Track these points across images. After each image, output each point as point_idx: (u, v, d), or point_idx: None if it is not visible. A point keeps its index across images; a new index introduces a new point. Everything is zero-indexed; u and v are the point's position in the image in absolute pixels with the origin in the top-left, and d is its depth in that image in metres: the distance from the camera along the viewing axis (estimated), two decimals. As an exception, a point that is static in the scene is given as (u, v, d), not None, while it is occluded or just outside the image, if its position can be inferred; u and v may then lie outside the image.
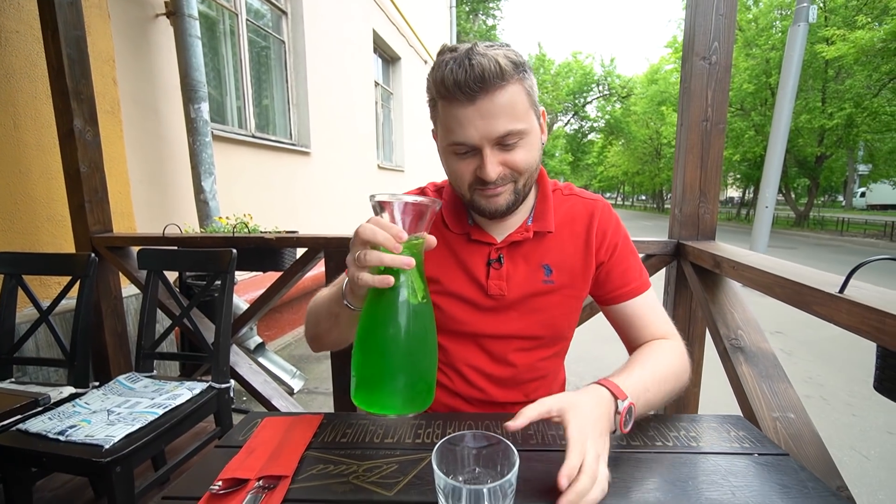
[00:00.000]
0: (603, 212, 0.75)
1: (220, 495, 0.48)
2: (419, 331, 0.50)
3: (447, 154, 0.66)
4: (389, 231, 0.47)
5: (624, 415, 0.53)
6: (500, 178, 0.64)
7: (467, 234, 0.75)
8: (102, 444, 1.02)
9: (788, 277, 0.71)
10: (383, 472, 0.52)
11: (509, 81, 0.60)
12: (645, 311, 0.73)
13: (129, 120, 2.23)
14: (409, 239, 0.49)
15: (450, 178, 0.70)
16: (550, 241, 0.74)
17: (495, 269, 0.73)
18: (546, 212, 0.75)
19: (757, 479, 0.49)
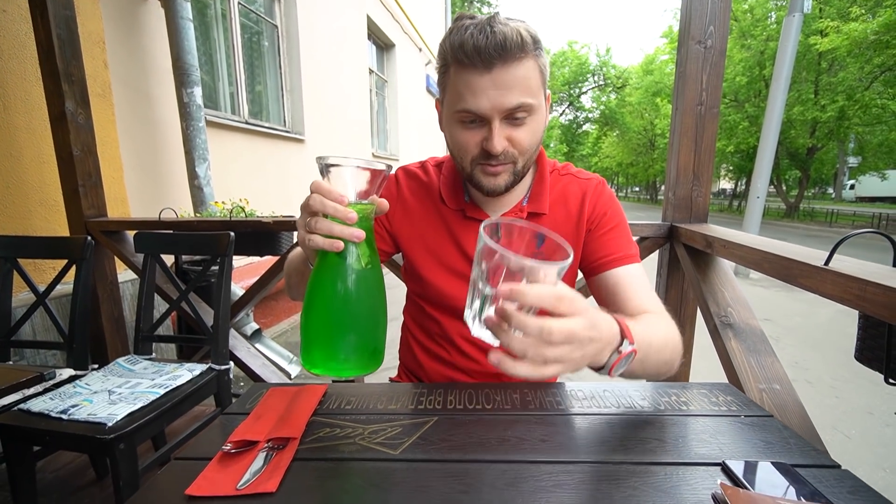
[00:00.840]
0: (595, 188, 0.76)
1: (232, 454, 0.50)
2: (362, 295, 0.49)
3: (453, 123, 0.66)
4: (334, 197, 0.46)
5: (623, 358, 0.48)
6: (503, 154, 0.64)
7: (462, 210, 0.76)
8: (105, 421, 1.03)
9: (776, 253, 0.74)
10: (388, 434, 0.55)
11: (528, 55, 0.60)
12: (630, 282, 0.70)
13: (121, 104, 2.20)
14: (357, 203, 0.48)
15: (452, 150, 0.71)
16: (543, 222, 0.75)
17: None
18: (542, 193, 0.76)
19: (743, 438, 0.52)
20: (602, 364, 0.48)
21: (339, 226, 0.46)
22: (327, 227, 0.46)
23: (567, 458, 0.49)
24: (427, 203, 0.79)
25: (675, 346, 0.60)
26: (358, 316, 0.49)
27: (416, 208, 0.80)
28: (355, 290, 0.49)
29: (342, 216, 0.45)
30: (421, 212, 0.79)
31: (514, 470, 0.47)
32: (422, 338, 0.84)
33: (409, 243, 0.80)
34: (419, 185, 0.81)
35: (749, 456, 0.49)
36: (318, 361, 0.49)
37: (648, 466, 0.47)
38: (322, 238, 0.46)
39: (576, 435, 0.53)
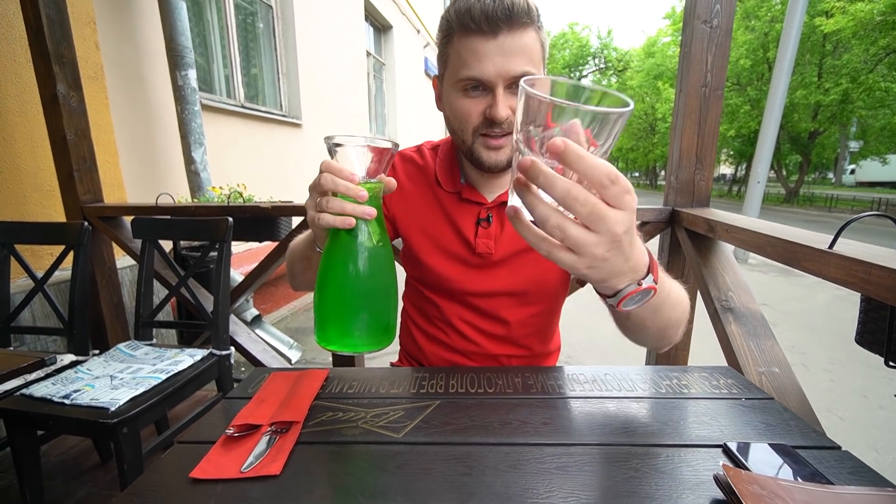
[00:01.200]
0: None
1: (235, 438, 0.50)
2: (374, 272, 0.51)
3: (455, 92, 0.65)
4: (344, 176, 0.47)
5: (640, 291, 0.41)
6: (507, 123, 0.63)
7: (458, 192, 0.75)
8: (108, 406, 1.04)
9: (779, 236, 0.73)
10: (390, 417, 0.55)
11: (532, 24, 0.60)
12: None
13: (114, 87, 2.16)
14: (366, 181, 0.49)
15: (452, 123, 0.69)
16: None
17: (484, 228, 0.74)
18: None
19: (743, 420, 0.52)
20: (616, 290, 0.41)
21: (351, 204, 0.47)
22: (339, 206, 0.47)
23: (569, 440, 0.49)
24: (423, 187, 0.79)
25: (685, 308, 0.57)
26: (371, 292, 0.51)
27: (413, 192, 0.79)
28: (368, 267, 0.50)
29: (353, 194, 0.46)
30: (417, 196, 0.79)
31: (517, 452, 0.47)
32: (422, 322, 0.84)
33: (406, 228, 0.79)
34: (415, 168, 0.80)
35: (750, 438, 0.49)
36: (333, 338, 0.51)
37: (650, 448, 0.47)
38: (333, 216, 0.47)
39: (578, 418, 0.54)
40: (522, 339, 0.79)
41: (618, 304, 0.43)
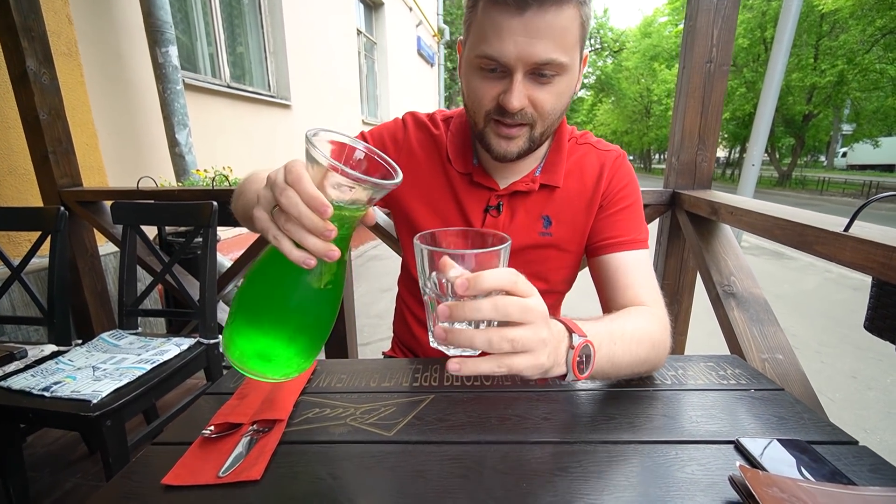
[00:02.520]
0: (615, 162, 0.69)
1: (213, 439, 0.46)
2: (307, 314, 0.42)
3: (471, 68, 0.59)
4: (315, 206, 0.36)
5: (578, 351, 0.43)
6: (521, 114, 0.57)
7: (470, 174, 0.70)
8: (90, 398, 1.00)
9: (790, 219, 0.70)
10: (381, 413, 0.51)
11: (569, 1, 0.51)
12: (631, 270, 0.64)
13: (89, 64, 2.05)
14: (345, 206, 0.38)
15: (465, 101, 0.63)
16: (556, 196, 0.69)
17: (492, 217, 0.69)
18: (558, 164, 0.69)
19: (754, 413, 0.50)
20: (564, 370, 0.44)
21: (314, 240, 0.37)
22: (299, 237, 0.37)
23: (571, 437, 0.46)
24: (434, 159, 0.72)
25: (655, 343, 0.54)
26: (296, 332, 0.42)
27: (423, 162, 0.72)
28: (305, 307, 0.41)
29: (318, 233, 0.36)
30: (427, 169, 0.72)
31: (516, 451, 0.44)
32: (417, 309, 0.80)
33: (409, 201, 0.73)
34: (428, 137, 0.73)
35: (762, 432, 0.46)
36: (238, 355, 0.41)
37: (657, 446, 0.45)
38: (291, 246, 0.37)
39: (580, 412, 0.51)
40: None
41: (578, 376, 0.44)
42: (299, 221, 0.36)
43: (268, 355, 0.41)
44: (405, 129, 0.73)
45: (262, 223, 0.39)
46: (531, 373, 0.40)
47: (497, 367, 0.38)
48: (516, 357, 0.38)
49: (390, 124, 0.75)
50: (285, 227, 0.37)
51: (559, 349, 0.43)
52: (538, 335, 0.38)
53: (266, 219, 0.39)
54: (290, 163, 0.38)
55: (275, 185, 0.38)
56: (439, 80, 11.05)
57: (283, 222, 0.37)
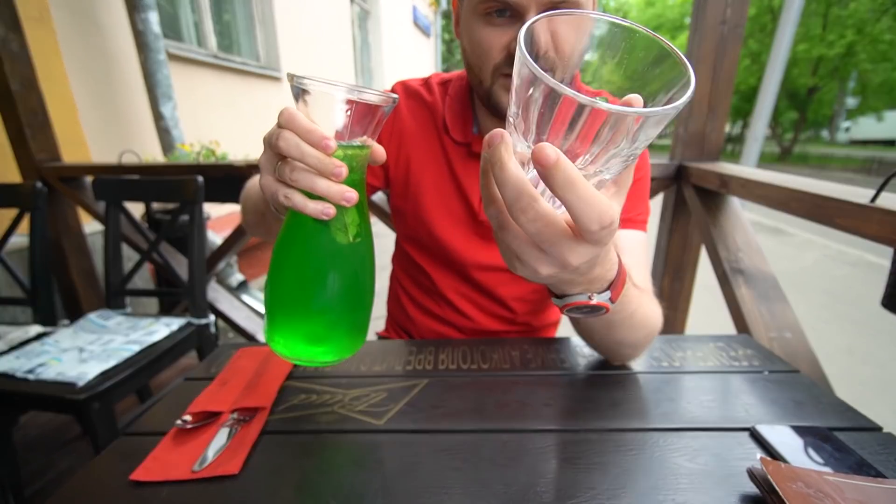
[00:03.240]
0: None
1: (189, 430, 0.43)
2: (347, 274, 0.38)
3: (474, 18, 0.51)
4: (315, 140, 0.32)
5: (589, 304, 0.35)
6: (542, 58, 0.50)
7: (469, 144, 0.63)
8: (76, 381, 0.97)
9: (808, 190, 0.65)
10: (372, 400, 0.48)
11: None
12: (625, 250, 0.58)
13: (64, 30, 1.94)
14: (347, 145, 0.35)
15: (469, 57, 0.55)
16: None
17: None
18: None
19: (769, 398, 0.47)
20: (562, 293, 0.36)
21: (325, 182, 0.33)
22: (309, 183, 0.33)
23: (575, 425, 0.43)
24: (429, 130, 0.66)
25: (651, 332, 0.50)
26: (339, 301, 0.38)
27: (417, 134, 0.66)
28: (339, 269, 0.37)
29: (327, 171, 0.33)
30: (421, 139, 0.66)
31: (516, 441, 0.41)
32: (412, 290, 0.76)
33: (402, 177, 0.68)
34: (421, 106, 0.67)
35: (779, 419, 0.43)
36: (285, 345, 0.38)
37: (666, 434, 0.41)
38: (304, 199, 0.34)
39: (583, 397, 0.48)
40: (521, 316, 0.71)
41: (561, 308, 0.37)
42: (304, 162, 0.33)
43: (317, 336, 0.38)
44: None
45: (270, 187, 0.35)
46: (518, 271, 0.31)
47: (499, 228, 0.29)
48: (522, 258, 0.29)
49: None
50: (292, 177, 0.33)
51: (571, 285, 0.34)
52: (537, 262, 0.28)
53: (272, 181, 0.35)
54: (281, 109, 0.34)
55: (270, 137, 0.34)
56: (436, 52, 10.71)
57: (289, 173, 0.33)
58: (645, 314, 0.47)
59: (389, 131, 0.67)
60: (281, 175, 0.34)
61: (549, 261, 0.28)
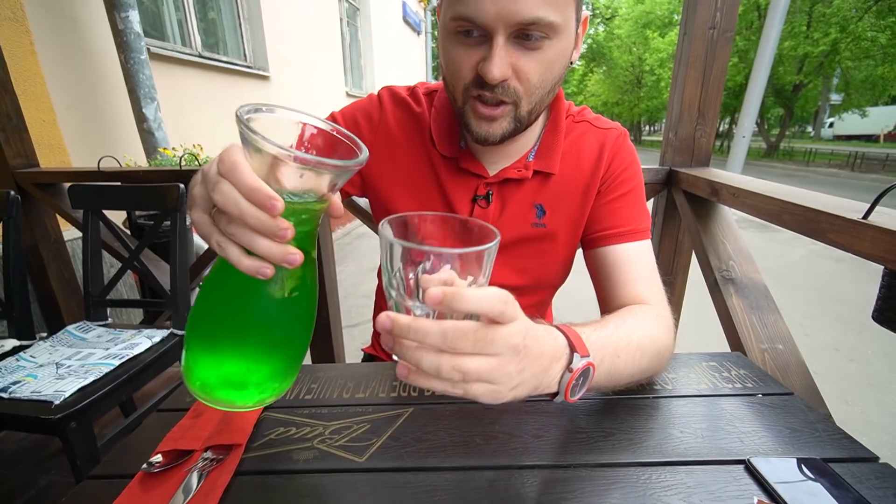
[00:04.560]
0: (615, 142, 0.61)
1: (156, 474, 0.40)
2: (275, 329, 0.35)
3: (447, 34, 0.50)
4: (259, 201, 0.28)
5: (576, 375, 0.37)
6: (502, 88, 0.48)
7: (456, 159, 0.61)
8: (51, 399, 0.93)
9: (800, 203, 0.64)
10: (353, 433, 0.46)
11: None
12: (632, 263, 0.58)
13: (40, 30, 1.87)
14: (298, 202, 0.31)
15: (444, 74, 0.54)
16: (551, 181, 0.61)
17: (480, 208, 0.61)
18: (554, 148, 0.60)
19: (764, 424, 0.45)
20: (553, 391, 0.38)
21: (266, 242, 0.29)
22: (247, 241, 0.30)
23: (566, 460, 0.41)
24: (415, 141, 0.63)
25: (660, 351, 0.48)
26: (266, 352, 0.35)
27: (402, 145, 0.63)
28: (270, 322, 0.34)
29: (269, 233, 0.29)
30: (407, 151, 0.63)
31: (503, 479, 0.39)
32: None
33: (389, 188, 0.65)
34: (408, 115, 0.64)
35: (774, 448, 0.42)
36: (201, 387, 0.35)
37: (660, 469, 0.40)
38: (239, 253, 0.30)
39: (574, 428, 0.46)
40: None
41: (567, 399, 0.39)
42: (242, 221, 0.29)
43: (236, 382, 0.35)
44: (381, 106, 0.64)
45: (203, 228, 0.32)
46: (491, 401, 0.33)
47: (451, 388, 0.32)
48: (473, 385, 0.32)
49: (364, 101, 0.66)
50: (227, 230, 0.30)
51: (551, 369, 0.37)
52: (502, 369, 0.32)
53: (207, 222, 0.32)
54: (224, 149, 0.30)
55: (206, 179, 0.31)
56: (426, 50, 10.64)
57: (225, 224, 0.30)
58: (641, 339, 0.46)
59: (372, 141, 0.64)
60: (217, 222, 0.31)
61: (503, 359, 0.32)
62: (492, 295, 0.30)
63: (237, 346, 0.34)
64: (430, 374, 0.31)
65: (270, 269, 0.30)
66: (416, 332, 0.30)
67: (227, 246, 0.30)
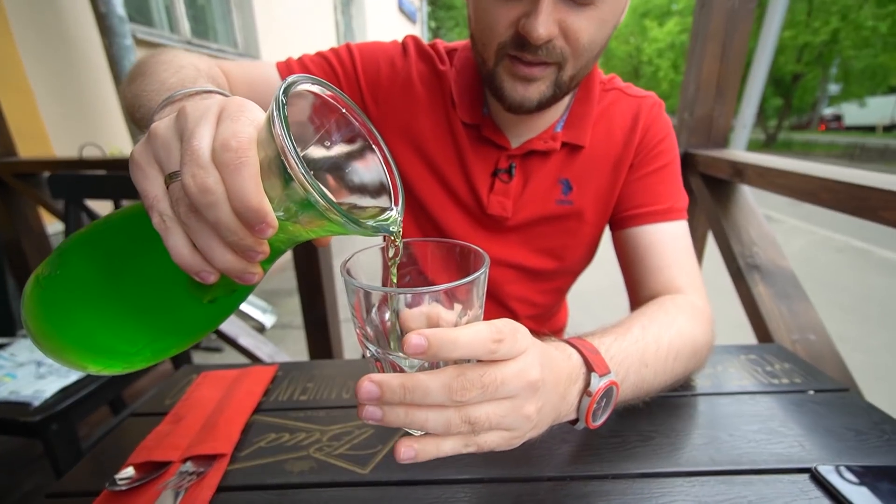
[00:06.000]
0: (650, 112, 0.55)
1: (124, 492, 0.34)
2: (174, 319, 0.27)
3: None
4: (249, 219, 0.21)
5: (597, 398, 0.32)
6: (547, 48, 0.42)
7: (478, 127, 0.55)
8: (30, 400, 0.88)
9: (842, 180, 0.58)
10: (355, 439, 0.40)
11: None
12: (667, 247, 0.52)
13: (16, 12, 1.78)
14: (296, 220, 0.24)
15: (472, 32, 0.48)
16: (580, 154, 0.55)
17: (502, 182, 0.55)
18: (585, 118, 0.54)
19: (822, 425, 0.40)
20: (574, 418, 0.33)
21: (228, 258, 0.23)
22: (205, 245, 0.22)
23: (601, 469, 0.36)
24: (437, 103, 0.56)
25: (697, 349, 0.43)
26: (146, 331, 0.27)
27: (423, 105, 0.56)
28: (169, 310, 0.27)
29: (240, 250, 0.23)
30: (428, 113, 0.56)
31: (530, 493, 0.34)
32: None
33: (403, 151, 0.57)
34: (432, 72, 0.56)
35: (839, 455, 0.36)
36: (36, 323, 0.25)
37: (713, 479, 0.34)
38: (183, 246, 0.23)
39: (608, 431, 0.40)
40: (524, 319, 0.64)
41: (590, 426, 0.33)
42: (216, 230, 0.22)
43: (83, 340, 0.26)
44: (405, 55, 0.56)
45: (147, 186, 0.23)
46: (506, 448, 0.28)
47: (464, 445, 0.26)
48: (485, 436, 0.26)
49: (388, 44, 0.58)
50: (187, 220, 0.22)
51: (568, 394, 0.32)
52: (518, 411, 0.27)
53: (155, 184, 0.23)
54: (230, 110, 0.22)
55: (189, 150, 0.21)
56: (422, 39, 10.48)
57: (186, 213, 0.22)
58: (670, 347, 0.40)
59: (390, 91, 0.56)
60: (175, 201, 0.22)
61: (518, 401, 0.26)
62: (482, 333, 0.25)
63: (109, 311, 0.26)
64: (438, 431, 0.25)
65: (214, 277, 0.23)
66: (412, 391, 0.24)
67: (173, 233, 0.23)
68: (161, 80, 0.38)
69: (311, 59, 0.56)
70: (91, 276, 0.25)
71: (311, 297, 1.30)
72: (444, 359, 0.24)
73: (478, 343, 0.24)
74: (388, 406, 0.24)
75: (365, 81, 0.55)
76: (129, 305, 0.25)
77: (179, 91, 0.33)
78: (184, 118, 0.23)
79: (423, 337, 0.23)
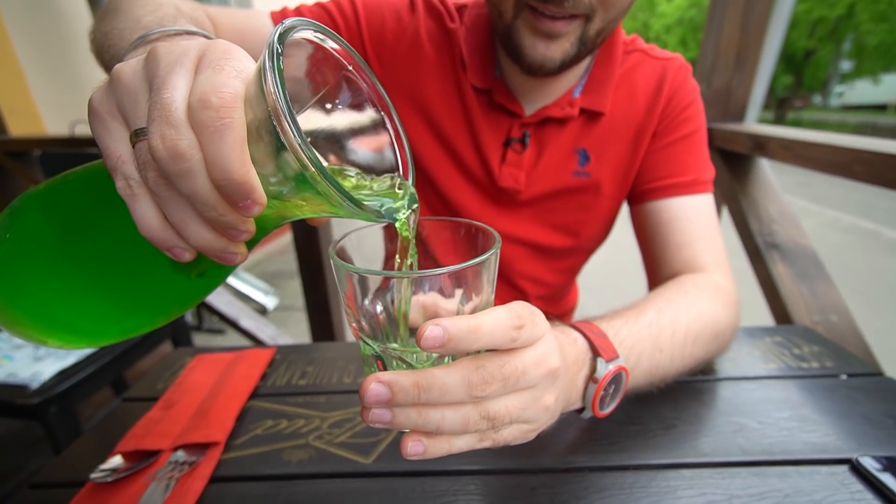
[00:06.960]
0: (677, 74, 0.50)
1: (110, 483, 0.32)
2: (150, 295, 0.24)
3: None
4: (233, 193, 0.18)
5: (604, 385, 0.30)
6: (572, 1, 0.37)
7: (489, 92, 0.50)
8: (27, 383, 0.86)
9: (879, 150, 0.54)
10: (357, 427, 0.38)
11: None
12: (690, 222, 0.48)
13: (2, -15, 1.71)
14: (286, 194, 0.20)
15: None
16: (599, 121, 0.51)
17: (514, 153, 0.51)
18: (606, 81, 0.49)
19: (857, 412, 0.37)
20: (581, 406, 0.32)
21: (206, 235, 0.19)
22: (178, 220, 0.19)
23: (622, 459, 0.33)
24: (446, 64, 0.51)
25: (717, 332, 0.40)
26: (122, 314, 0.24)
27: (431, 66, 0.51)
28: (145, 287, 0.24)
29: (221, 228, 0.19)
30: (436, 74, 0.51)
31: (548, 486, 0.31)
32: None
33: (408, 116, 0.53)
34: (441, 31, 0.52)
35: (881, 444, 0.34)
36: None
37: (744, 469, 0.32)
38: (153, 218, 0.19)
39: (626, 418, 0.38)
40: (534, 300, 0.60)
41: (597, 415, 0.32)
42: (193, 205, 0.18)
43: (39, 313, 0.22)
44: (412, 9, 0.51)
45: (108, 143, 0.19)
46: (522, 442, 0.26)
47: (479, 441, 0.24)
48: (503, 430, 0.24)
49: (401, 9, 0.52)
50: (156, 188, 0.18)
51: (576, 381, 0.30)
52: (538, 402, 0.24)
53: (118, 141, 0.19)
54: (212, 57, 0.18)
55: (158, 104, 0.17)
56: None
57: (154, 181, 0.18)
58: (688, 330, 0.37)
59: (396, 47, 0.51)
60: (142, 165, 0.18)
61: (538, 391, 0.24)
62: (502, 321, 0.21)
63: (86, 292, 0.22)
64: (456, 430, 0.22)
65: (189, 255, 0.20)
66: (428, 391, 0.21)
67: (140, 201, 0.19)
68: (135, 18, 0.33)
69: (310, 9, 0.51)
70: (46, 243, 0.21)
71: (311, 277, 1.27)
72: (465, 351, 0.21)
73: (500, 331, 0.21)
74: (400, 410, 0.21)
75: (369, 38, 0.50)
76: (90, 279, 0.22)
77: (155, 30, 0.29)
78: (154, 61, 0.19)
79: (441, 328, 0.20)
